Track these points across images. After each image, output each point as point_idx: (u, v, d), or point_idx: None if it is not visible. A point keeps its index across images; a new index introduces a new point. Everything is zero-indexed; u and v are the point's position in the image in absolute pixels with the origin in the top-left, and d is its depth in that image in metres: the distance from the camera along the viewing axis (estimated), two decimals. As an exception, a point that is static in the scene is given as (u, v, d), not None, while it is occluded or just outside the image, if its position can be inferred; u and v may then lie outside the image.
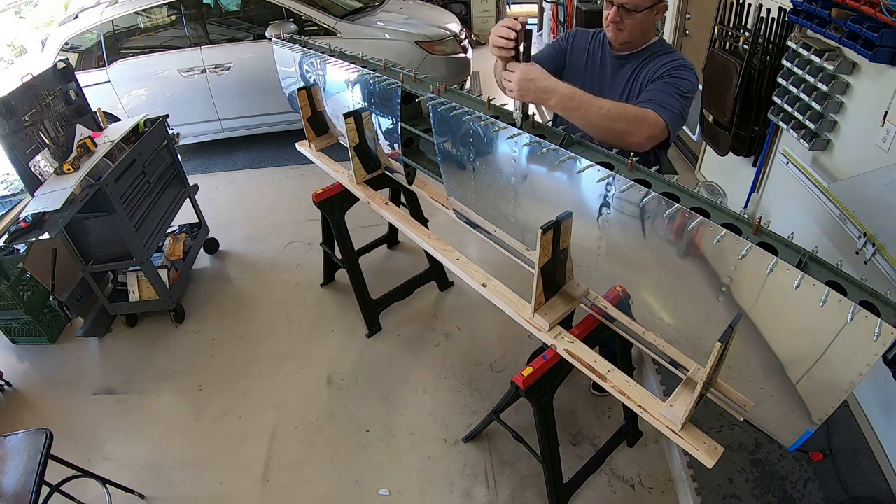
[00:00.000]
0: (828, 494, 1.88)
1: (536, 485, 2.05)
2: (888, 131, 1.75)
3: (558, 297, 1.53)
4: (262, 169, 4.63)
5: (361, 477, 2.18)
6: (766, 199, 2.69)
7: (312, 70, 2.41)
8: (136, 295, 2.90)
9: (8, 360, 2.95)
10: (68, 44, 4.43)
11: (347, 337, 2.83)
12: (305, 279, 3.26)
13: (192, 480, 2.23)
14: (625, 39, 1.53)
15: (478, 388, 2.48)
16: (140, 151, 2.83)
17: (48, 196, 2.36)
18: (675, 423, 1.22)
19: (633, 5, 1.45)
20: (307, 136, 2.59)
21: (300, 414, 2.46)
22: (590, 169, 1.22)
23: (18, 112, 2.47)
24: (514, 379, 1.56)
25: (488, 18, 7.51)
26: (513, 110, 1.37)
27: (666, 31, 4.14)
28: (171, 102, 4.37)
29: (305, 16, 4.26)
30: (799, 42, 2.14)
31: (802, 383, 1.02)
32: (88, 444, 2.43)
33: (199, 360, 2.79)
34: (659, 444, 2.19)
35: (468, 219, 1.87)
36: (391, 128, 2.00)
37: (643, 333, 1.39)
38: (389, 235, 3.35)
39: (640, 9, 1.45)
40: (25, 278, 2.86)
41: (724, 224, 1.02)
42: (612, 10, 1.48)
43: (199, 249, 3.39)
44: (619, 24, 1.50)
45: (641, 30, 1.50)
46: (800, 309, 0.95)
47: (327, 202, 2.49)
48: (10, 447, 1.79)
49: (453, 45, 4.50)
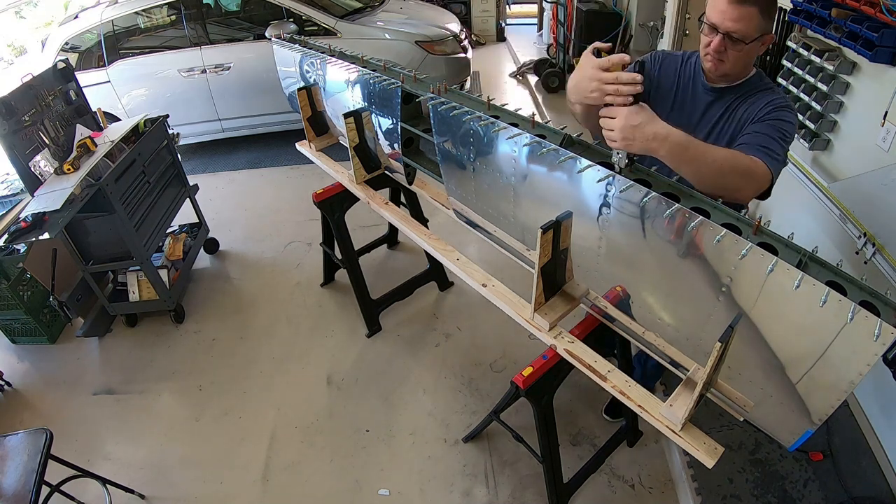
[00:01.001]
0: (828, 494, 1.88)
1: (536, 485, 2.05)
2: (888, 131, 1.75)
3: (558, 297, 1.53)
4: (262, 169, 4.63)
5: (361, 477, 2.18)
6: (765, 199, 2.69)
7: (312, 70, 2.41)
8: (136, 295, 2.90)
9: (8, 360, 2.95)
10: (68, 44, 4.43)
11: (347, 337, 2.83)
12: (305, 279, 3.26)
13: (192, 480, 2.23)
14: (725, 71, 1.36)
15: (478, 388, 2.48)
16: (140, 151, 2.82)
17: (48, 196, 2.36)
18: (675, 423, 1.22)
19: (741, 34, 1.27)
20: (307, 136, 2.59)
21: (300, 414, 2.46)
22: (590, 169, 1.22)
23: (18, 112, 2.47)
24: (514, 379, 1.56)
25: (488, 18, 7.51)
26: (613, 155, 1.20)
27: (666, 31, 4.14)
28: (171, 102, 4.37)
29: (305, 16, 4.26)
30: (799, 42, 2.14)
31: (802, 383, 1.02)
32: (88, 444, 2.43)
33: (199, 361, 2.79)
34: (659, 444, 2.19)
35: (468, 219, 1.87)
36: (391, 128, 2.00)
37: (643, 333, 1.39)
38: (389, 235, 3.35)
39: (748, 39, 1.27)
40: (25, 278, 2.86)
41: (724, 224, 1.02)
42: (717, 39, 1.29)
43: (199, 249, 3.39)
44: (721, 55, 1.32)
45: (745, 62, 1.35)
46: (800, 309, 0.95)
47: (327, 202, 2.49)
48: (10, 447, 1.79)
49: (453, 45, 4.49)
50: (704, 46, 1.35)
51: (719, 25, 1.28)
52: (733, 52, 1.30)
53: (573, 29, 5.31)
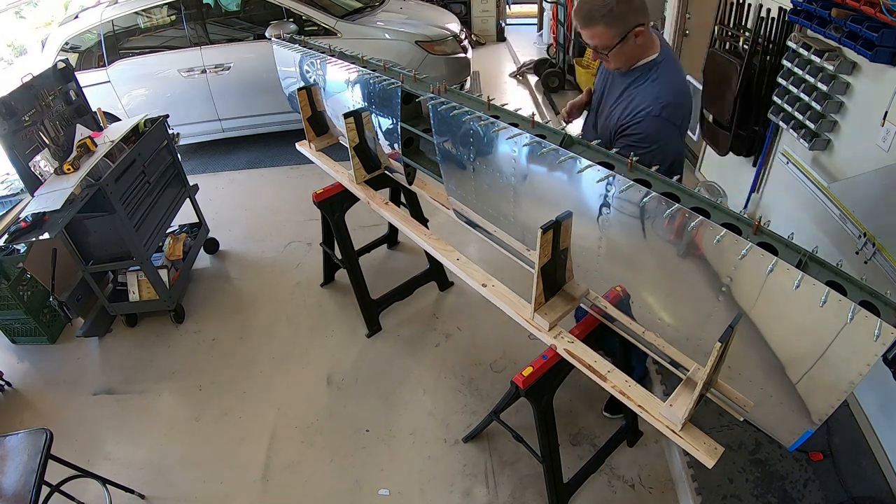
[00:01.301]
0: (828, 494, 1.88)
1: (536, 485, 2.05)
2: (888, 131, 1.75)
3: (558, 297, 1.53)
4: (262, 169, 4.63)
5: (361, 477, 2.18)
6: (766, 199, 2.69)
7: (312, 70, 2.41)
8: (136, 295, 2.90)
9: (8, 360, 2.95)
10: (68, 44, 4.43)
11: (347, 337, 2.83)
12: (305, 279, 3.26)
13: (192, 480, 2.23)
14: (615, 68, 1.61)
15: (478, 388, 2.48)
16: (140, 151, 2.83)
17: (48, 196, 2.36)
18: (675, 423, 1.22)
19: (602, 46, 1.53)
20: (307, 136, 2.59)
21: (300, 414, 2.46)
22: (590, 169, 1.22)
23: (18, 112, 2.48)
24: (514, 379, 1.56)
25: (488, 18, 7.51)
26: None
27: (666, 31, 4.14)
28: (171, 102, 4.37)
29: (305, 16, 4.26)
30: (799, 42, 2.14)
31: (802, 383, 1.02)
32: (88, 444, 2.43)
33: (199, 360, 2.79)
34: (659, 444, 2.19)
35: (468, 219, 1.87)
36: (391, 128, 2.00)
37: (643, 333, 1.39)
38: (389, 235, 3.35)
39: (609, 48, 1.51)
40: (25, 278, 2.86)
41: (724, 224, 1.02)
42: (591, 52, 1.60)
43: (199, 249, 3.39)
44: (603, 58, 1.59)
45: (625, 57, 1.55)
46: (800, 309, 0.95)
47: (327, 202, 2.49)
48: (10, 447, 1.79)
49: (453, 45, 4.49)
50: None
51: (587, 43, 1.57)
52: (607, 55, 1.54)
53: (573, 29, 5.31)
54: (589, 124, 1.84)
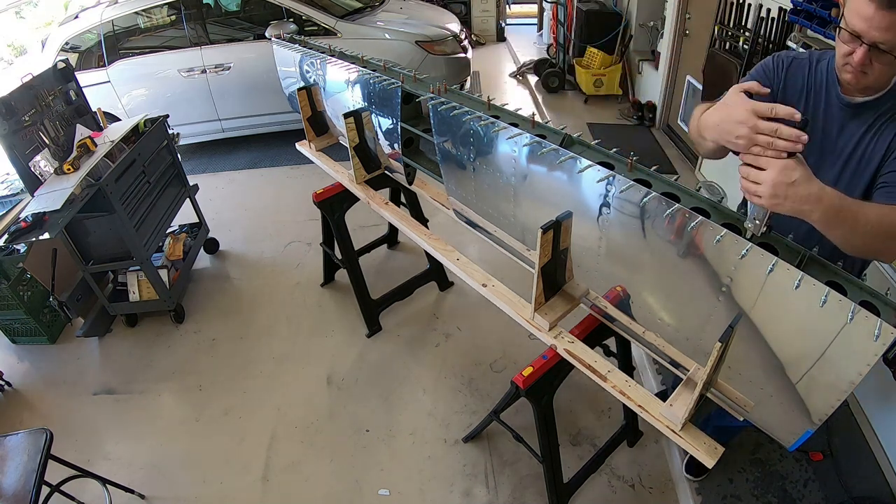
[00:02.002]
0: (828, 494, 1.89)
1: (536, 485, 2.05)
2: (888, 131, 1.75)
3: (558, 297, 1.53)
4: (262, 169, 4.63)
5: (361, 477, 2.18)
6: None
7: (312, 70, 2.41)
8: (136, 295, 2.90)
9: (8, 360, 2.95)
10: (68, 44, 4.43)
11: (347, 337, 2.83)
12: (305, 279, 3.26)
13: (192, 480, 2.23)
14: (868, 84, 1.14)
15: (478, 388, 2.48)
16: (140, 151, 2.83)
17: (48, 196, 2.36)
18: (675, 423, 1.22)
19: (891, 45, 1.03)
20: (307, 136, 2.59)
21: (300, 414, 2.46)
22: (590, 169, 1.22)
23: (18, 112, 2.47)
24: (514, 379, 1.56)
25: (488, 18, 7.52)
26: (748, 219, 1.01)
27: (666, 31, 4.14)
28: (171, 102, 4.37)
29: (305, 16, 4.26)
30: (799, 42, 2.14)
31: (802, 383, 1.02)
32: (88, 444, 2.43)
33: (199, 360, 2.79)
34: (659, 444, 2.19)
35: (468, 219, 1.87)
36: (391, 128, 2.00)
37: (643, 333, 1.39)
38: (389, 235, 3.35)
39: None
40: (25, 278, 2.86)
41: (724, 224, 1.02)
42: (861, 51, 1.06)
43: (199, 249, 3.39)
44: (866, 67, 1.09)
45: (891, 74, 1.12)
46: (800, 309, 0.95)
47: (327, 202, 2.50)
48: (10, 447, 1.79)
49: (453, 45, 4.49)
50: (843, 56, 1.13)
51: (864, 35, 1.04)
52: (880, 64, 1.08)
53: (573, 29, 5.31)
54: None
